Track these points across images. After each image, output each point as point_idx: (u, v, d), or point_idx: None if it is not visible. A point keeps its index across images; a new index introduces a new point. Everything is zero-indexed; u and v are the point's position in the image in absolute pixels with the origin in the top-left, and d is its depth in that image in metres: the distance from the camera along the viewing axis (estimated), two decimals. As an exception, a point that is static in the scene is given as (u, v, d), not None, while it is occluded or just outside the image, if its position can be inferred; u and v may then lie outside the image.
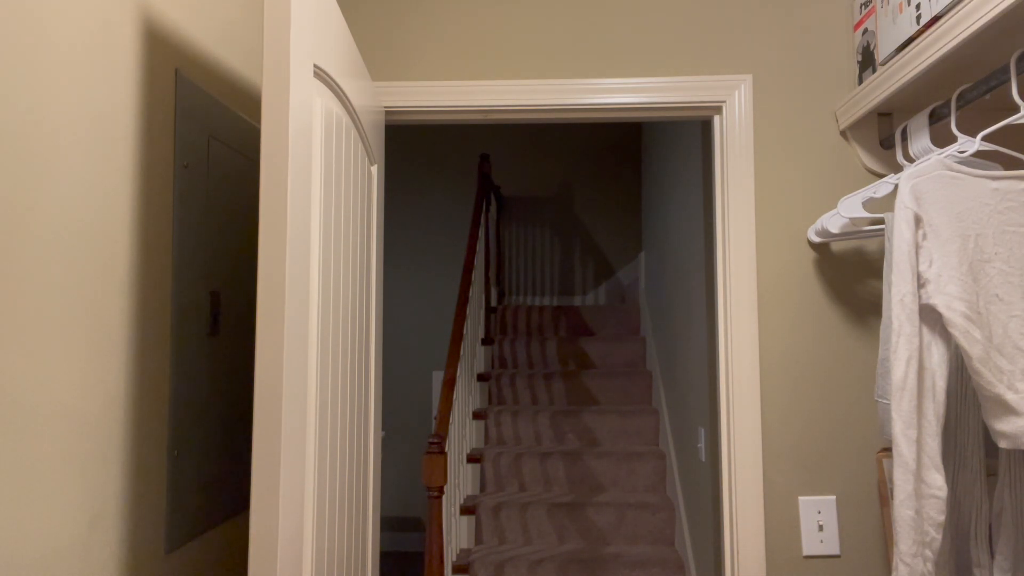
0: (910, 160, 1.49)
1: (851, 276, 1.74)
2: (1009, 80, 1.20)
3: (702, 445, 2.49)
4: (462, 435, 3.20)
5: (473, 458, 3.32)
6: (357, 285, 1.48)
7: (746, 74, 1.78)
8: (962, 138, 1.32)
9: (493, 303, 4.44)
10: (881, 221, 1.56)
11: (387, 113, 1.82)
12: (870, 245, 1.74)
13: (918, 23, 1.39)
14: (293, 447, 1.08)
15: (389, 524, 4.59)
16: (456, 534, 3.00)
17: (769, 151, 1.76)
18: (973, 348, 1.17)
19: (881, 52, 1.56)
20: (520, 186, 4.93)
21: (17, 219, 0.90)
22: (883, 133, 1.72)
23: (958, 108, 1.33)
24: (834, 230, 1.64)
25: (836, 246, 1.74)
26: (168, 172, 1.27)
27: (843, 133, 1.76)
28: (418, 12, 1.84)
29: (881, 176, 1.72)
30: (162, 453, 1.24)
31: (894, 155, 1.58)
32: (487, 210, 4.11)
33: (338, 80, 1.33)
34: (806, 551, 1.68)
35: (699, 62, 1.80)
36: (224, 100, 1.48)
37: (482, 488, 3.29)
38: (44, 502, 0.95)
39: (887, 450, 1.69)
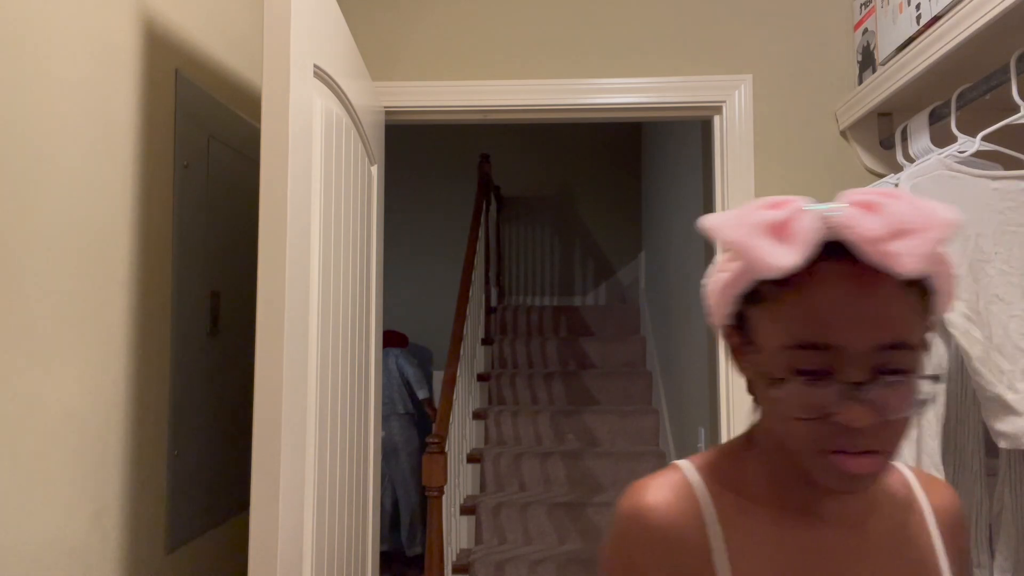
0: (910, 160, 1.49)
1: (851, 276, 1.74)
2: (1009, 80, 1.20)
3: (702, 445, 2.49)
4: (462, 435, 3.20)
5: (473, 458, 3.32)
6: (357, 285, 1.48)
7: (746, 74, 1.78)
8: (962, 138, 1.32)
9: (493, 303, 4.44)
10: (881, 221, 1.55)
11: (387, 113, 1.82)
12: (870, 245, 1.73)
13: (918, 23, 1.39)
14: (293, 447, 1.08)
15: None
16: (456, 534, 3.00)
17: (769, 151, 1.76)
18: (973, 348, 1.17)
19: (881, 52, 1.56)
20: (520, 186, 4.93)
21: (17, 219, 0.90)
22: (883, 133, 1.72)
23: (958, 108, 1.33)
24: (834, 230, 1.63)
25: (836, 246, 1.74)
26: (168, 172, 1.27)
27: (843, 133, 1.76)
28: (418, 12, 1.84)
29: (881, 176, 1.71)
30: (162, 453, 1.24)
31: (894, 155, 1.58)
32: (487, 210, 4.11)
33: (338, 80, 1.33)
34: (806, 551, 1.68)
35: (699, 62, 1.80)
36: (224, 100, 1.48)
37: (482, 488, 3.29)
38: (45, 502, 0.95)
39: (887, 450, 1.68)
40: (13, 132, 0.90)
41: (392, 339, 4.11)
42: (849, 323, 0.54)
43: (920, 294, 0.57)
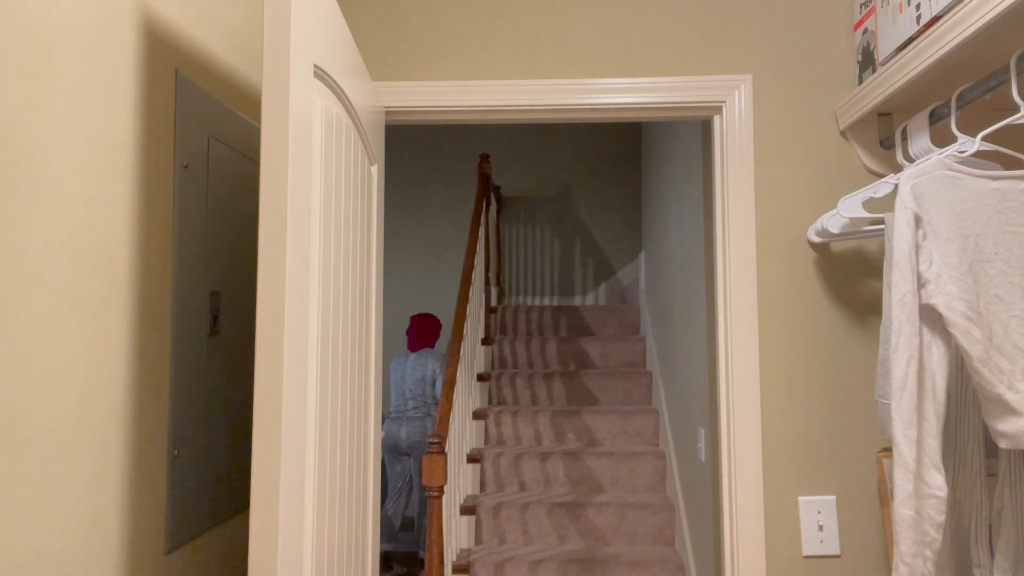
0: (910, 160, 1.49)
1: (851, 276, 1.74)
2: (1009, 80, 1.20)
3: (702, 445, 2.49)
4: (462, 435, 3.20)
5: (473, 458, 3.32)
6: (357, 285, 1.48)
7: (746, 74, 1.78)
8: (962, 138, 1.32)
9: (493, 303, 4.44)
10: (881, 221, 1.56)
11: (387, 113, 1.82)
12: (870, 245, 1.74)
13: (918, 23, 1.39)
14: (293, 447, 1.08)
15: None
16: (456, 534, 3.00)
17: (769, 151, 1.76)
18: (973, 348, 1.17)
19: (881, 52, 1.56)
20: (520, 186, 4.93)
21: (16, 218, 0.90)
22: (883, 133, 1.72)
23: (958, 108, 1.33)
24: (834, 230, 1.64)
25: (836, 246, 1.74)
26: (168, 172, 1.27)
27: (843, 133, 1.76)
28: (418, 12, 1.84)
29: (881, 176, 1.72)
30: (162, 454, 1.24)
31: (894, 155, 1.58)
32: (487, 210, 4.11)
33: (338, 80, 1.33)
34: (806, 551, 1.68)
35: (699, 62, 1.80)
36: (224, 100, 1.48)
37: (482, 488, 3.29)
38: (45, 503, 0.95)
39: (887, 450, 1.69)
40: (12, 132, 0.90)
41: (428, 325, 4.08)
42: None
43: None
